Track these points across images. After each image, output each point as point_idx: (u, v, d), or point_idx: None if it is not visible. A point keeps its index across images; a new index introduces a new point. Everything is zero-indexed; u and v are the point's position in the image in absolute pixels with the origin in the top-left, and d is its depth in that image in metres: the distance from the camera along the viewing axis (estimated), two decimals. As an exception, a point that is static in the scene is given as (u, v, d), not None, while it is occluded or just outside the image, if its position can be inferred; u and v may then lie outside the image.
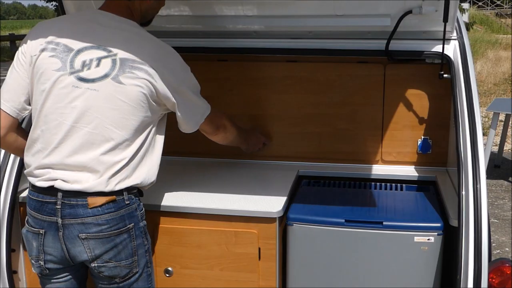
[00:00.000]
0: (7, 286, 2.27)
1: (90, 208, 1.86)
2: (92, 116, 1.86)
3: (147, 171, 1.99)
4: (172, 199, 2.33)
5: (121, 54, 1.89)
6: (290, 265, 2.31)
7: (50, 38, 1.93)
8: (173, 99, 1.96)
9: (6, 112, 1.96)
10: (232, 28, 2.58)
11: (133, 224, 1.95)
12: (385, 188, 2.62)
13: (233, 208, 2.23)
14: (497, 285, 2.00)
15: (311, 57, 2.64)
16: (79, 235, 1.88)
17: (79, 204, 1.86)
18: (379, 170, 2.76)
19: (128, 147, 1.91)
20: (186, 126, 2.09)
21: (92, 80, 1.87)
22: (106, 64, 1.88)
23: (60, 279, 2.00)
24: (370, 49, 2.47)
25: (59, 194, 1.87)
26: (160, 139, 2.06)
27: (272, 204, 2.25)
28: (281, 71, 2.79)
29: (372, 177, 2.72)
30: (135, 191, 1.98)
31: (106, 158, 1.87)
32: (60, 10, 2.58)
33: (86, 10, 2.32)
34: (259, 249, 2.23)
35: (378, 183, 2.68)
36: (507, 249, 4.29)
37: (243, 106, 2.85)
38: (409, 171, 2.73)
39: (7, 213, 2.25)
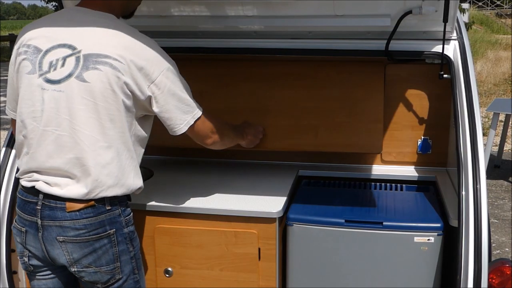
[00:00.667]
0: (7, 286, 2.27)
1: (68, 212, 1.83)
2: (61, 118, 1.82)
3: (132, 180, 1.91)
4: (172, 199, 2.33)
5: (85, 50, 1.82)
6: (290, 265, 2.32)
7: (24, 41, 1.91)
8: (148, 92, 1.85)
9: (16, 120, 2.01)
10: (232, 28, 2.57)
11: (114, 230, 1.89)
12: (385, 188, 2.62)
13: (233, 208, 2.23)
14: (497, 285, 2.00)
15: (311, 57, 2.63)
16: (57, 237, 1.85)
17: (58, 207, 1.84)
18: (379, 170, 2.76)
19: (103, 149, 1.83)
20: (173, 126, 1.95)
21: (58, 81, 1.82)
22: (70, 62, 1.82)
23: (46, 276, 1.98)
24: (370, 49, 2.47)
25: (40, 195, 1.86)
26: (143, 145, 1.99)
27: (272, 204, 2.25)
28: (280, 70, 2.78)
29: (372, 177, 2.72)
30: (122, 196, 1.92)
31: (80, 162, 1.82)
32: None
33: (64, 8, 2.25)
34: (259, 249, 2.23)
35: (378, 183, 2.68)
36: (507, 249, 4.29)
37: (241, 102, 2.84)
38: (409, 171, 2.74)
39: (7, 214, 2.25)
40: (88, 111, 1.81)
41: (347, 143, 2.70)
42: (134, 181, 1.92)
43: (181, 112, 1.94)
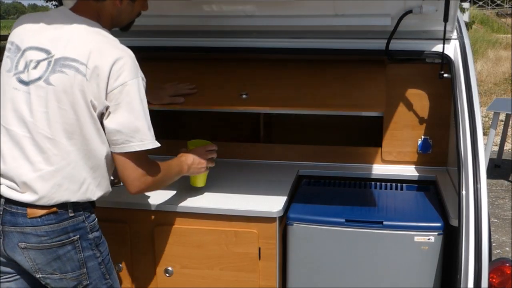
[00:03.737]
0: None
1: (29, 218, 1.78)
2: (26, 120, 1.79)
3: (97, 185, 1.87)
4: (172, 199, 2.33)
5: (58, 54, 1.80)
6: (290, 265, 2.31)
7: (11, 36, 1.90)
8: (106, 103, 1.78)
9: None
10: (232, 28, 2.57)
11: (78, 236, 1.84)
12: (385, 188, 2.62)
13: (233, 208, 2.23)
14: (497, 285, 2.00)
15: (311, 56, 2.63)
16: (19, 244, 1.80)
17: (19, 213, 1.79)
18: (379, 170, 2.76)
19: (64, 154, 1.80)
20: (115, 143, 1.82)
21: (27, 83, 1.81)
22: (42, 66, 1.80)
23: (10, 278, 1.91)
24: (370, 49, 2.47)
25: (2, 200, 1.80)
26: (109, 152, 1.87)
27: (272, 203, 2.25)
28: (280, 69, 2.78)
29: (372, 177, 2.72)
30: (86, 202, 1.87)
31: (40, 166, 1.78)
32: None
33: (55, 9, 2.17)
34: (259, 249, 2.23)
35: (378, 183, 2.68)
36: (507, 248, 4.30)
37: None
38: (409, 171, 2.73)
39: None
40: (51, 114, 1.78)
41: (348, 103, 2.53)
42: (100, 186, 1.89)
43: (132, 132, 1.81)
